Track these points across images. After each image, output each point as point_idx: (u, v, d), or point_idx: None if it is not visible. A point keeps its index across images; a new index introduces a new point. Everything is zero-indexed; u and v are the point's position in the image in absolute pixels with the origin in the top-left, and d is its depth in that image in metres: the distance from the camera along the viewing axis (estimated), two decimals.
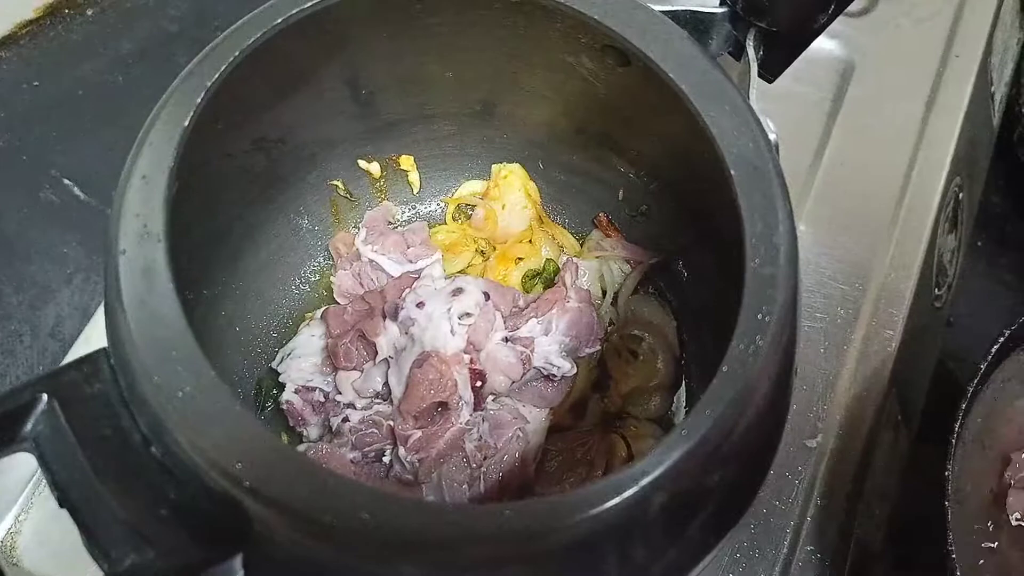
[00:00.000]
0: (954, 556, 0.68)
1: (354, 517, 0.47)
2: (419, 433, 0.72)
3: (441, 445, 0.72)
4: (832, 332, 0.88)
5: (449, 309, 0.75)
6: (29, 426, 0.50)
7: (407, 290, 0.78)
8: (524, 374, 0.76)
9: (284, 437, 0.81)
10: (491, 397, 0.77)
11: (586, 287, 0.84)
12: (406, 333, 0.75)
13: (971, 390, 0.74)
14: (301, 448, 0.77)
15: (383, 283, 0.84)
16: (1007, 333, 0.76)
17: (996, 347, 0.75)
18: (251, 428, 0.50)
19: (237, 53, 0.61)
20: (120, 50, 1.19)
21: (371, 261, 0.85)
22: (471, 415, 0.74)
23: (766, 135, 0.60)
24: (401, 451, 0.72)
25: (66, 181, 1.09)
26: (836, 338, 0.88)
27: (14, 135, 1.11)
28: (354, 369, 0.78)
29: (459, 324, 0.74)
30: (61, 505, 0.49)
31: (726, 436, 0.51)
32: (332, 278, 0.87)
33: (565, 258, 0.86)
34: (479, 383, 0.74)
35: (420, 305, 0.76)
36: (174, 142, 0.57)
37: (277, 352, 0.83)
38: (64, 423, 0.50)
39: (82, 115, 1.13)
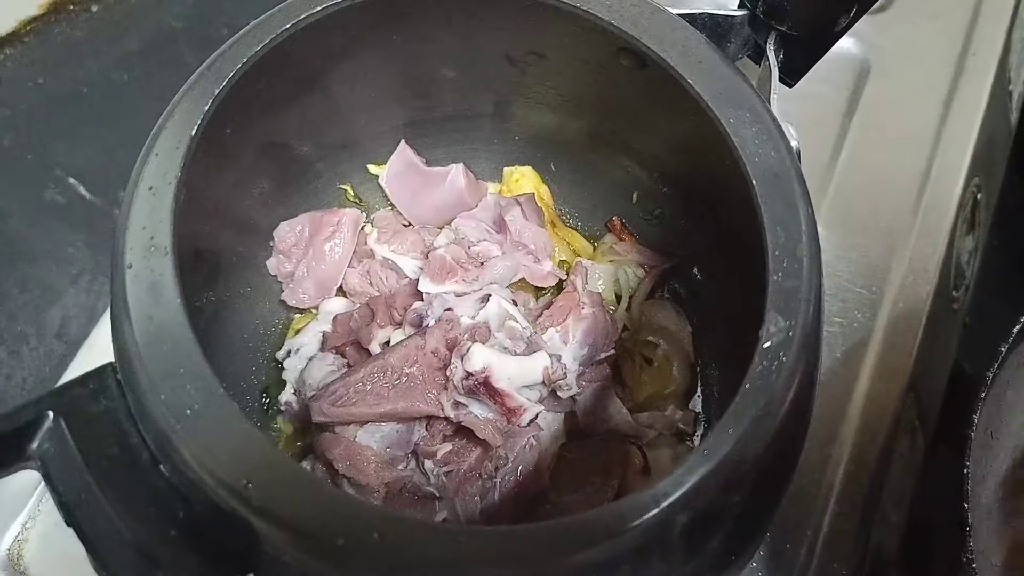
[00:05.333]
0: (975, 566, 0.64)
1: (365, 538, 0.46)
2: (449, 446, 0.72)
3: (472, 460, 0.71)
4: (849, 336, 0.87)
5: (474, 317, 0.74)
6: (35, 444, 0.49)
7: (430, 297, 0.78)
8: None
9: (287, 430, 0.80)
10: None
11: (598, 291, 0.83)
12: None
13: (991, 376, 0.69)
14: None
15: (391, 282, 0.83)
16: None
17: (1017, 328, 0.71)
18: (261, 446, 0.49)
19: (245, 59, 0.60)
20: (125, 47, 1.18)
21: (385, 260, 0.84)
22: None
23: (788, 142, 0.59)
24: (428, 464, 0.71)
25: (71, 180, 1.08)
26: (853, 342, 0.86)
27: (18, 134, 1.10)
28: None
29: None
30: (68, 524, 0.48)
31: (748, 455, 0.49)
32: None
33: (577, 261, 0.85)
34: None
35: (449, 310, 0.75)
36: (181, 152, 0.56)
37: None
38: (70, 441, 0.49)
39: (87, 113, 1.12)
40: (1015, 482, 0.73)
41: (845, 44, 1.03)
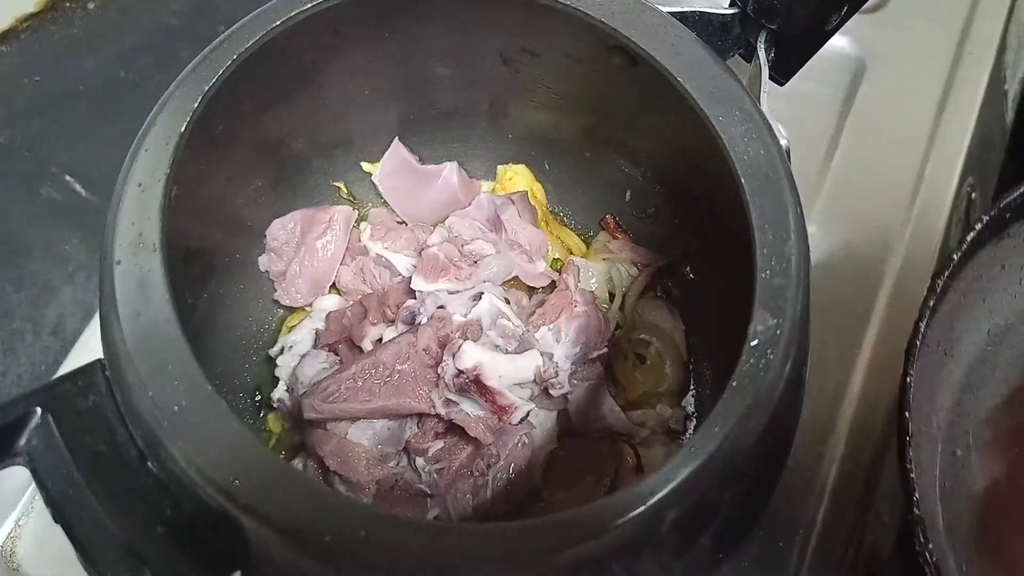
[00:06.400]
0: (912, 475, 0.59)
1: (352, 535, 0.46)
2: (440, 444, 0.72)
3: (464, 457, 0.71)
4: (843, 336, 0.86)
5: (466, 315, 0.74)
6: (23, 440, 0.50)
7: (422, 295, 0.78)
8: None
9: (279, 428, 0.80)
10: None
11: (591, 289, 0.83)
12: None
13: (941, 283, 0.64)
14: None
15: (384, 279, 0.83)
16: (985, 219, 0.66)
17: (972, 236, 0.66)
18: (248, 444, 0.49)
19: (235, 56, 0.60)
20: (122, 44, 1.17)
21: (379, 257, 0.84)
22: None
23: (777, 141, 0.59)
24: (420, 461, 0.71)
25: (67, 178, 1.08)
26: (847, 342, 0.86)
27: (14, 131, 1.10)
28: None
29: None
30: (56, 521, 0.48)
31: (736, 452, 0.49)
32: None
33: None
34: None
35: (441, 308, 0.75)
36: (171, 148, 0.56)
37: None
38: (58, 438, 0.49)
39: (84, 111, 1.12)
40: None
41: (840, 43, 1.03)
